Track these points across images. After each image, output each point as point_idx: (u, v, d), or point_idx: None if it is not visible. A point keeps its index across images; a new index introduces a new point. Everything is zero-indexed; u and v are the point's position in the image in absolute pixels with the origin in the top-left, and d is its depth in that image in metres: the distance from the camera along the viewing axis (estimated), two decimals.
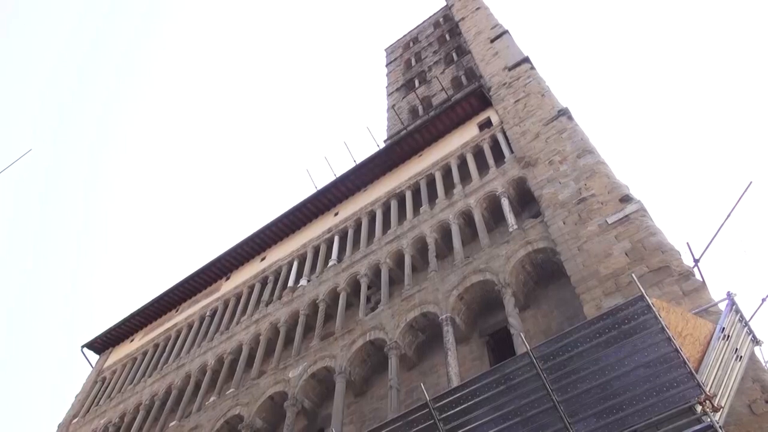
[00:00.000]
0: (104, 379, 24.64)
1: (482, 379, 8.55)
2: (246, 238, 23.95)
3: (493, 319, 13.52)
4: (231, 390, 17.02)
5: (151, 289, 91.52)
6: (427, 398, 8.60)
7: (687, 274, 9.74)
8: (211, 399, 17.44)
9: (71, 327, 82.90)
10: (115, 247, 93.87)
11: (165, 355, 22.40)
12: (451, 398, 8.68)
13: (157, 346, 23.67)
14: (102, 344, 26.74)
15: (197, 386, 19.15)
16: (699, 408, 6.91)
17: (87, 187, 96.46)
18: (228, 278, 24.31)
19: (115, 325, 26.24)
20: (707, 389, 6.98)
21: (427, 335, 14.32)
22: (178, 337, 23.07)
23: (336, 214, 22.23)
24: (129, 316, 26.00)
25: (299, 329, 17.48)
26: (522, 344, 8.58)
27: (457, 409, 8.50)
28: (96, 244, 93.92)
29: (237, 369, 18.01)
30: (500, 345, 13.01)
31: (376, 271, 17.34)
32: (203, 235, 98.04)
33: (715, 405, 6.87)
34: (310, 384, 15.14)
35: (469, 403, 8.43)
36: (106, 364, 25.57)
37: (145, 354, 23.79)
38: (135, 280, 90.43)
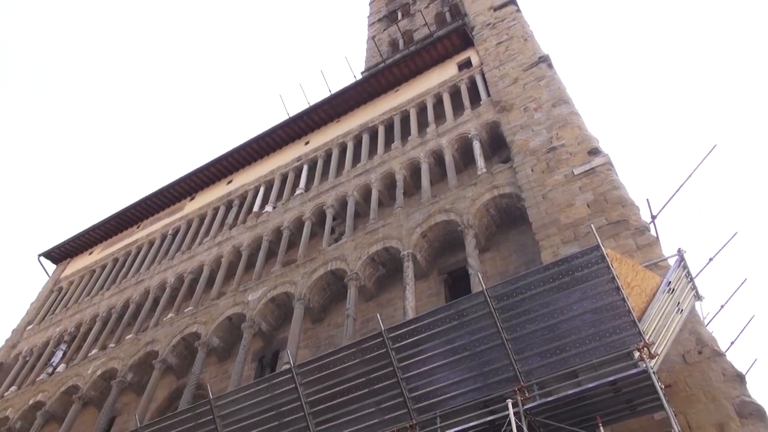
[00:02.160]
0: (61, 289, 24.52)
1: (437, 314, 8.83)
2: (213, 160, 23.55)
3: (453, 259, 13.82)
4: (189, 308, 17.18)
5: (113, 203, 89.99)
6: (382, 328, 8.85)
7: (643, 229, 10.06)
8: (169, 315, 17.60)
9: (29, 234, 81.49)
10: (79, 155, 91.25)
11: (124, 270, 22.34)
12: (405, 330, 8.97)
13: (116, 260, 23.54)
14: (60, 254, 26.43)
15: (156, 302, 19.25)
16: (637, 354, 7.31)
17: (54, 88, 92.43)
18: (192, 198, 24.04)
19: (74, 236, 25.86)
20: (647, 337, 7.37)
21: (387, 269, 14.58)
22: (138, 253, 22.95)
23: (307, 143, 21.97)
24: (89, 228, 25.63)
25: (261, 254, 17.58)
26: (478, 284, 8.83)
27: (410, 340, 8.80)
28: (60, 150, 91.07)
29: (197, 289, 18.13)
30: (457, 283, 13.36)
31: (343, 203, 17.39)
32: (170, 153, 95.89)
33: (652, 352, 7.27)
34: (268, 308, 15.38)
35: (422, 335, 8.73)
36: (63, 275, 25.38)
37: (103, 267, 23.66)
38: (97, 192, 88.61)
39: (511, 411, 7.25)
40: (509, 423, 7.14)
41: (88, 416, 16.88)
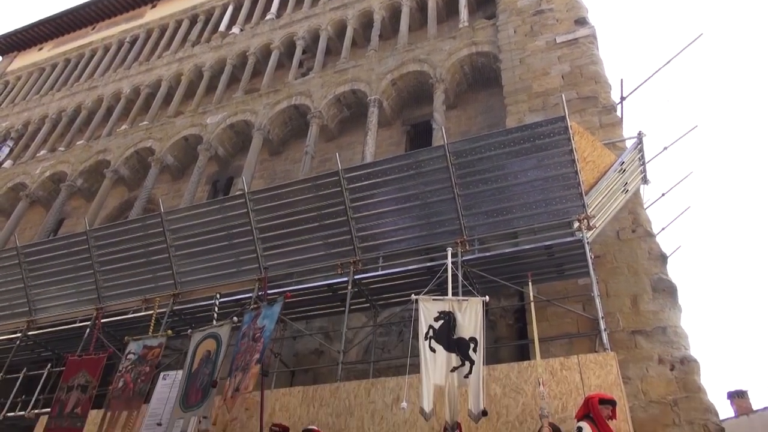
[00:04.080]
0: (7, 83, 23.28)
1: (395, 161, 8.91)
2: None
3: (419, 111, 13.68)
4: (145, 123, 16.72)
5: None
6: (340, 167, 8.92)
7: (610, 108, 10.09)
8: (123, 127, 17.15)
9: None
10: None
11: (77, 72, 21.25)
12: (362, 172, 9.07)
13: (68, 61, 22.26)
14: (6, 46, 24.71)
15: (109, 111, 18.62)
16: (576, 224, 7.71)
17: None
18: (154, 6, 22.35)
19: (21, 27, 24.05)
20: (589, 210, 7.73)
21: (352, 112, 14.36)
22: (92, 57, 21.72)
23: None
24: (38, 21, 23.82)
25: (224, 78, 16.91)
26: (440, 138, 8.86)
27: (365, 182, 8.95)
28: None
29: (153, 104, 17.55)
30: (420, 137, 13.36)
31: (315, 37, 16.58)
32: None
33: (591, 224, 7.67)
34: (227, 133, 15.14)
35: (378, 180, 8.87)
36: (10, 68, 23.96)
37: (54, 66, 22.40)
38: None
39: (449, 259, 7.65)
40: (445, 270, 7.58)
41: (36, 215, 16.96)
